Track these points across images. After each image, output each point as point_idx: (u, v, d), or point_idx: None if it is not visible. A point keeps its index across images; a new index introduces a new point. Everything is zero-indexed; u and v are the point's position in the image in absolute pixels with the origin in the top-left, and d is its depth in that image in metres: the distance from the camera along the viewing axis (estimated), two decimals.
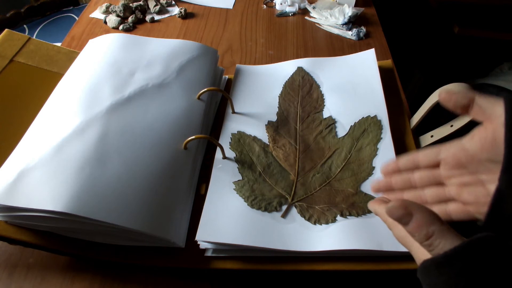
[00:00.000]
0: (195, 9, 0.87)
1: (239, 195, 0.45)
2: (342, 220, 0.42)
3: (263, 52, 0.74)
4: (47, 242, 0.42)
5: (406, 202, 0.28)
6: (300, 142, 0.50)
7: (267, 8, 0.87)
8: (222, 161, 0.48)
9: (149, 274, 0.44)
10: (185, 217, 0.44)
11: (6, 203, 0.38)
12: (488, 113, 0.29)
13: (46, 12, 1.20)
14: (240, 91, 0.58)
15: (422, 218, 0.27)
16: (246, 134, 0.52)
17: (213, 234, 0.40)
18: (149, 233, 0.39)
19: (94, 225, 0.38)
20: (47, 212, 0.37)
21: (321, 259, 0.40)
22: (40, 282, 0.43)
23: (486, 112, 0.29)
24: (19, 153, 0.43)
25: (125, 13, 0.82)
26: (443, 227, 0.27)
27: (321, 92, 0.56)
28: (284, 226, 0.42)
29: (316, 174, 0.47)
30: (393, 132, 0.50)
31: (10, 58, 0.54)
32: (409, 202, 0.28)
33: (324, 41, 0.77)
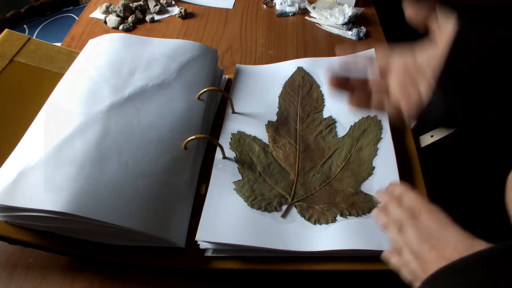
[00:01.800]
0: (195, 9, 0.87)
1: (239, 195, 0.45)
2: (342, 220, 0.42)
3: (263, 52, 0.74)
4: (47, 242, 0.42)
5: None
6: (300, 142, 0.50)
7: (267, 8, 0.87)
8: (222, 161, 0.48)
9: (149, 274, 0.44)
10: (185, 217, 0.44)
11: (6, 203, 0.38)
12: (442, 29, 0.31)
13: (46, 12, 1.19)
14: (240, 91, 0.58)
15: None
16: (246, 134, 0.51)
17: (213, 234, 0.40)
18: (149, 233, 0.39)
19: (94, 225, 0.38)
20: (47, 212, 0.37)
21: (321, 259, 0.40)
22: (40, 282, 0.43)
23: (440, 28, 0.31)
24: (19, 153, 0.43)
25: (125, 13, 0.82)
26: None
27: (321, 92, 0.56)
28: (284, 226, 0.42)
29: (316, 174, 0.47)
30: (393, 132, 0.50)
31: (10, 58, 0.54)
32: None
33: (324, 41, 0.77)
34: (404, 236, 0.34)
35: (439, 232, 0.32)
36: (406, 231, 0.34)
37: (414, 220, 0.34)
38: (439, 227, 0.32)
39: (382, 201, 0.39)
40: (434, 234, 0.32)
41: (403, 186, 0.38)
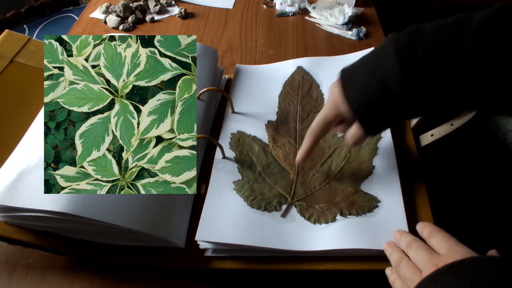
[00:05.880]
0: (195, 9, 0.87)
1: (239, 194, 0.45)
2: (342, 220, 0.42)
3: (263, 52, 0.74)
4: (47, 242, 0.42)
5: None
6: (300, 142, 0.50)
7: (267, 8, 0.87)
8: (222, 161, 0.48)
9: (149, 274, 0.44)
10: (185, 217, 0.44)
11: (6, 203, 0.38)
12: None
13: (46, 12, 1.19)
14: (240, 91, 0.58)
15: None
16: (246, 134, 0.51)
17: (213, 234, 0.40)
18: (149, 233, 0.39)
19: (94, 225, 0.38)
20: (47, 212, 0.37)
21: (321, 259, 0.40)
22: (40, 282, 0.43)
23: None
24: (19, 153, 0.43)
25: (125, 13, 0.82)
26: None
27: (321, 92, 0.56)
28: (284, 226, 0.42)
29: (316, 174, 0.47)
30: (393, 131, 0.50)
31: (10, 59, 0.54)
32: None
33: (324, 41, 0.77)
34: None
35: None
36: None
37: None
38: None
39: (391, 255, 0.37)
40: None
41: (409, 236, 0.37)
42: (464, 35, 0.32)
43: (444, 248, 0.33)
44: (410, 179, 0.46)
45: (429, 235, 0.36)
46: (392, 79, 0.34)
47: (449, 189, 0.86)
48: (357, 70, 0.38)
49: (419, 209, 0.43)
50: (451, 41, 0.33)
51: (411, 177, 0.46)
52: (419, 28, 0.35)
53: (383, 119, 0.38)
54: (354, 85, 0.37)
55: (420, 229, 0.38)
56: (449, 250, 0.32)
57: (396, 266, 0.36)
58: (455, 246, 0.33)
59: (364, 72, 0.37)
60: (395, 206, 0.42)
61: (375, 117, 0.37)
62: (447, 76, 0.33)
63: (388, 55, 0.34)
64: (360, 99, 0.37)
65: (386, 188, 0.44)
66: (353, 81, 0.38)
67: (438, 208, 0.44)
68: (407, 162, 0.48)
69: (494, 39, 0.31)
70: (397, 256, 0.36)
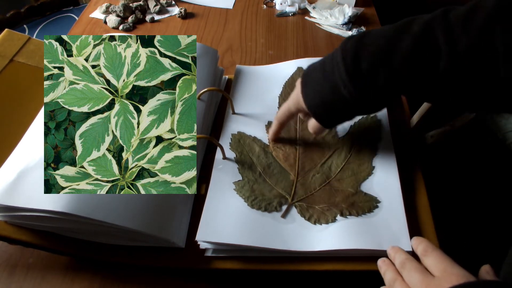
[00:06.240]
0: (195, 9, 0.87)
1: (239, 195, 0.45)
2: (342, 220, 0.42)
3: (263, 52, 0.74)
4: (47, 242, 0.42)
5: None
6: (300, 142, 0.50)
7: (267, 8, 0.87)
8: (222, 162, 0.48)
9: (149, 274, 0.44)
10: (185, 217, 0.44)
11: (6, 203, 0.38)
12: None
13: (46, 12, 1.19)
14: (240, 92, 0.58)
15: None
16: (246, 134, 0.52)
17: (213, 234, 0.40)
18: (149, 233, 0.39)
19: (94, 225, 0.38)
20: (47, 212, 0.37)
21: (321, 259, 0.40)
22: (40, 282, 0.43)
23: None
24: (19, 153, 0.43)
25: (125, 13, 0.82)
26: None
27: None
28: (284, 226, 0.42)
29: (316, 174, 0.47)
30: (393, 132, 0.50)
31: (10, 58, 0.54)
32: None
33: (324, 41, 0.77)
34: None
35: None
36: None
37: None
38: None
39: (385, 274, 0.37)
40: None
41: (403, 255, 0.36)
42: (403, 42, 0.35)
43: (438, 269, 0.32)
44: (410, 179, 0.46)
45: (423, 253, 0.34)
46: (341, 85, 0.38)
47: (449, 189, 0.86)
48: (316, 70, 0.41)
49: (419, 209, 0.43)
50: (391, 47, 0.35)
51: (411, 177, 0.46)
52: (366, 34, 0.38)
53: (336, 117, 0.42)
54: (312, 85, 0.41)
55: (414, 245, 0.37)
56: (444, 272, 0.31)
57: (389, 287, 0.35)
58: (450, 268, 0.31)
59: (320, 74, 0.40)
60: (395, 206, 0.42)
61: (329, 116, 0.42)
62: (390, 82, 0.36)
63: (337, 60, 0.38)
64: (315, 100, 0.41)
65: (386, 189, 0.44)
66: (311, 81, 0.41)
67: (438, 208, 0.44)
68: (407, 162, 0.48)
69: (431, 45, 0.34)
70: (391, 276, 0.35)
